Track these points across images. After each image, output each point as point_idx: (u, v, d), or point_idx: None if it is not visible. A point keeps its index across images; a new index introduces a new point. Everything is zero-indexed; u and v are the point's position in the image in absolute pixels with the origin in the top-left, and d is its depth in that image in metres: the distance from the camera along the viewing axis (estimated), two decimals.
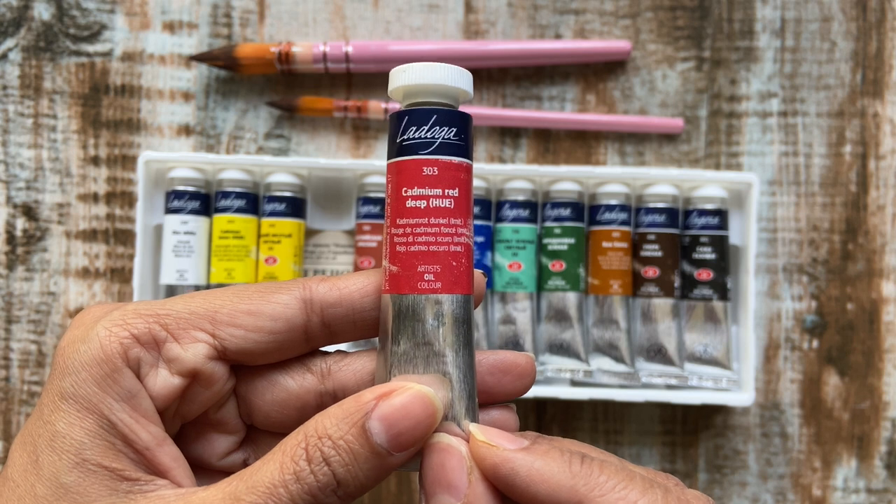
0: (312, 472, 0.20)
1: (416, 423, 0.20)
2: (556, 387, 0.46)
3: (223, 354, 0.22)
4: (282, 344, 0.23)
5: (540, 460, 0.21)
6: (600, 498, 0.20)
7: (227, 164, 0.46)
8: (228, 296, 0.22)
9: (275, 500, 0.19)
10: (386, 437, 0.20)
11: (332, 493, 0.20)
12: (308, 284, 0.23)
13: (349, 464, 0.20)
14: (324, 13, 0.50)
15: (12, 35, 0.49)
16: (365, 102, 0.48)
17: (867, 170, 0.50)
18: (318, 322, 0.23)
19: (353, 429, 0.20)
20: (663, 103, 0.50)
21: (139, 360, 0.21)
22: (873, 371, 0.49)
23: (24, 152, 0.49)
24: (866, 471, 0.49)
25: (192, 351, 0.22)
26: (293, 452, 0.20)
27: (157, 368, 0.21)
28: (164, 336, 0.21)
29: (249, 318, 0.22)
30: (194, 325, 0.22)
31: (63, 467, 0.20)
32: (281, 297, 0.22)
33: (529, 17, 0.50)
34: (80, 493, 0.20)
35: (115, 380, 0.21)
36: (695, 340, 0.46)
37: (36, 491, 0.20)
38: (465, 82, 0.24)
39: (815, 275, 0.49)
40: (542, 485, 0.20)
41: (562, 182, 0.47)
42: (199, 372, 0.22)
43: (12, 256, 0.49)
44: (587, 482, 0.20)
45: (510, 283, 0.46)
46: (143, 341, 0.21)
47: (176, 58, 0.49)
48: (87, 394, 0.20)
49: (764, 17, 0.50)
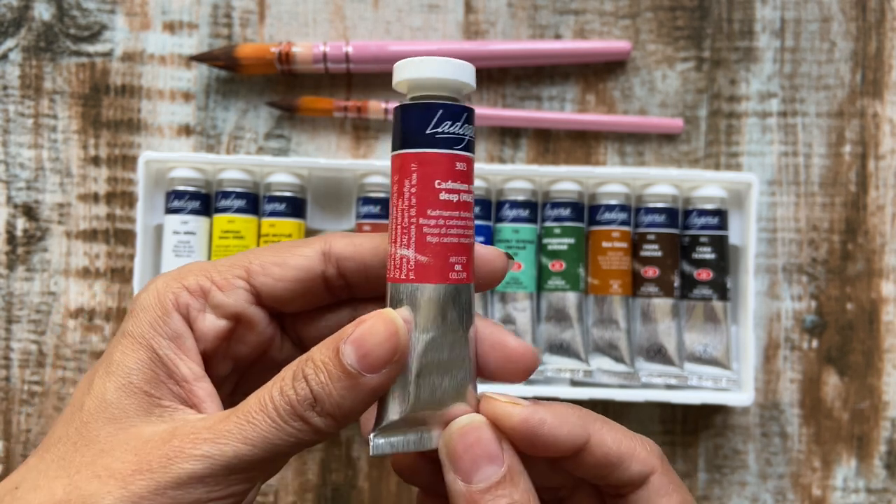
0: (293, 388, 0.22)
1: (379, 342, 0.22)
2: (556, 387, 0.46)
3: (259, 300, 0.26)
4: (305, 291, 0.26)
5: (554, 408, 0.24)
6: (599, 432, 0.24)
7: (227, 164, 0.46)
8: (262, 251, 0.26)
9: (262, 408, 0.22)
10: (355, 356, 0.22)
11: (311, 409, 0.22)
12: (328, 239, 0.26)
13: (324, 382, 0.22)
14: (324, 13, 0.50)
15: (13, 35, 0.49)
16: (365, 102, 0.48)
17: (867, 170, 0.50)
18: (334, 273, 0.26)
19: (330, 351, 0.23)
20: (663, 103, 0.50)
21: (188, 305, 0.25)
22: (873, 371, 0.49)
23: (24, 152, 0.49)
24: (866, 471, 0.49)
25: (234, 297, 0.25)
26: (285, 373, 0.23)
27: (204, 313, 0.25)
28: (209, 286, 0.25)
29: (277, 269, 0.25)
30: (234, 274, 0.25)
31: (111, 387, 0.23)
32: (304, 250, 0.26)
33: (529, 17, 0.50)
34: (118, 408, 0.23)
35: (165, 322, 0.24)
36: (694, 340, 0.47)
37: (84, 404, 0.23)
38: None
39: (814, 275, 0.49)
40: (563, 427, 0.24)
41: (562, 182, 0.47)
42: (241, 315, 0.25)
43: (12, 256, 0.49)
44: (588, 422, 0.24)
45: (510, 283, 0.46)
46: (192, 291, 0.25)
47: (176, 58, 0.49)
48: (143, 332, 0.24)
49: (764, 18, 0.50)
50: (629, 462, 0.25)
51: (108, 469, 0.22)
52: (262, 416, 0.22)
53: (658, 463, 0.25)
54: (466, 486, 0.23)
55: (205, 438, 0.22)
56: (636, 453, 0.25)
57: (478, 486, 0.23)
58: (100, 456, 0.22)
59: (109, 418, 0.23)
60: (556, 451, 0.24)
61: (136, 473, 0.22)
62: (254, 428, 0.22)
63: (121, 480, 0.21)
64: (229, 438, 0.22)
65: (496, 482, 0.23)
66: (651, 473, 0.25)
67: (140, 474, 0.22)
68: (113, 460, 0.22)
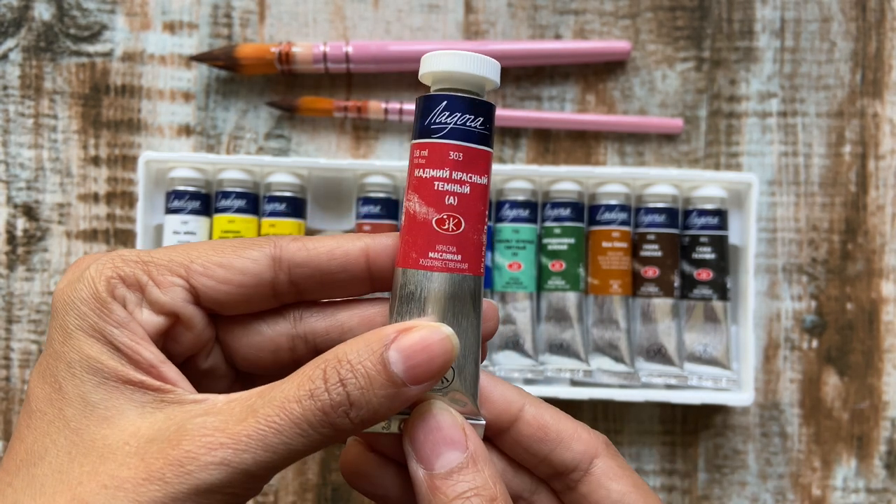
0: (327, 391, 0.21)
1: (432, 357, 0.22)
2: (556, 387, 0.46)
3: (198, 300, 0.24)
4: (250, 297, 0.24)
5: (491, 375, 0.26)
6: (537, 406, 0.25)
7: (227, 165, 0.46)
8: (205, 248, 0.24)
9: (287, 413, 0.21)
10: (403, 366, 0.21)
11: (345, 414, 0.21)
12: (279, 242, 0.24)
13: (364, 387, 0.21)
14: (324, 13, 0.50)
15: (13, 35, 0.49)
16: (365, 103, 0.48)
17: (867, 170, 0.50)
18: (285, 280, 0.24)
19: (373, 356, 0.21)
20: (663, 103, 0.50)
21: (125, 298, 0.23)
22: (873, 371, 0.49)
23: (24, 152, 0.49)
24: (866, 470, 0.49)
25: (171, 294, 0.23)
26: (311, 374, 0.21)
27: (140, 307, 0.23)
28: (145, 280, 0.23)
29: (220, 270, 0.24)
30: (172, 271, 0.23)
31: (88, 388, 0.21)
32: (252, 252, 0.24)
33: (529, 18, 0.50)
34: (108, 408, 0.21)
35: (108, 310, 0.22)
36: (694, 340, 0.47)
37: (65, 414, 0.21)
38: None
39: (814, 275, 0.49)
40: (496, 388, 0.25)
41: (562, 182, 0.47)
42: (179, 314, 0.23)
43: (13, 256, 0.49)
44: (525, 396, 0.26)
45: (510, 283, 0.46)
46: (128, 282, 0.23)
47: (176, 58, 0.50)
48: (90, 323, 0.22)
49: (764, 18, 0.50)
50: (570, 442, 0.25)
51: (114, 478, 0.20)
52: (286, 421, 0.21)
53: (603, 447, 0.25)
54: (427, 473, 0.22)
55: (221, 443, 0.20)
56: (578, 434, 0.25)
57: (438, 472, 0.22)
58: (101, 463, 0.21)
59: (101, 420, 0.21)
60: (489, 411, 0.24)
61: (146, 482, 0.20)
62: (277, 434, 0.20)
63: (131, 491, 0.20)
64: (249, 445, 0.20)
65: (457, 467, 0.22)
66: (595, 456, 0.25)
67: (151, 483, 0.20)
68: (118, 466, 0.20)
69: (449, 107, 0.24)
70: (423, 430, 0.23)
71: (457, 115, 0.24)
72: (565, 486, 0.25)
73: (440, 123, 0.24)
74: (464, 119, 0.24)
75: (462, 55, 0.24)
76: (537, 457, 0.25)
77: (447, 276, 0.24)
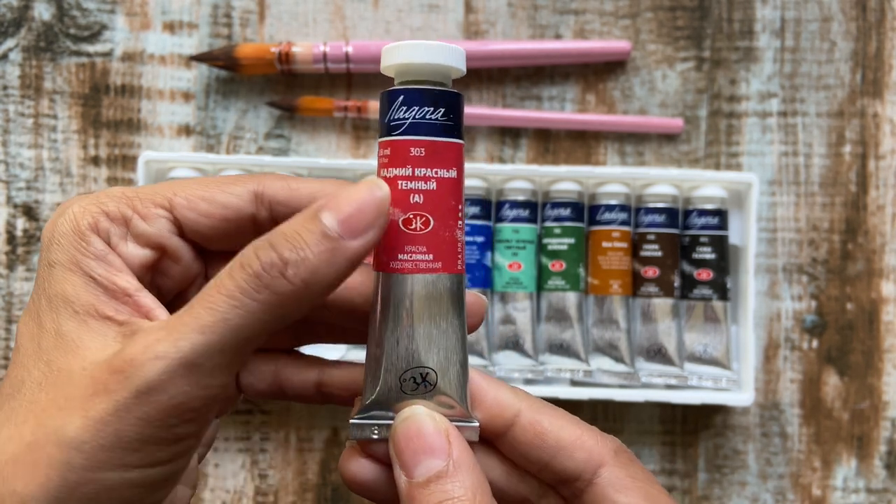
0: (257, 257, 0.20)
1: (362, 206, 0.21)
2: (556, 387, 0.46)
3: (181, 233, 0.24)
4: (232, 230, 0.24)
5: (488, 377, 0.25)
6: (536, 411, 0.24)
7: (227, 165, 0.46)
8: (190, 183, 0.24)
9: (218, 289, 0.20)
10: (335, 220, 0.21)
11: (280, 274, 0.20)
12: (262, 180, 0.24)
13: (298, 245, 0.20)
14: (324, 13, 0.50)
15: (13, 35, 0.49)
16: (365, 102, 0.48)
17: (867, 170, 0.50)
18: (266, 216, 0.24)
19: (303, 218, 0.21)
20: (663, 103, 0.50)
21: (108, 231, 0.23)
22: (873, 371, 0.49)
23: (24, 152, 0.49)
24: (866, 471, 0.49)
25: (155, 226, 0.24)
26: (245, 250, 0.21)
27: (125, 241, 0.24)
28: (130, 214, 0.24)
29: (203, 204, 0.24)
30: (156, 203, 0.24)
31: (62, 321, 0.22)
32: (235, 188, 0.24)
33: (529, 17, 0.50)
34: (75, 339, 0.22)
35: (88, 243, 0.23)
36: (694, 340, 0.47)
37: (41, 346, 0.22)
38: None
39: (814, 275, 0.49)
40: (489, 391, 0.24)
41: (562, 182, 0.47)
42: (165, 246, 0.24)
43: (12, 256, 0.49)
44: (522, 398, 0.24)
45: (510, 283, 0.46)
46: (112, 217, 0.23)
47: (176, 58, 0.49)
48: (69, 257, 0.23)
49: (764, 17, 0.50)
50: (571, 450, 0.24)
51: (68, 399, 0.21)
52: (219, 296, 0.20)
53: (610, 455, 0.24)
54: (407, 481, 0.22)
55: (157, 339, 0.20)
56: (581, 442, 0.24)
57: (417, 480, 0.22)
58: (62, 389, 0.21)
59: (68, 350, 0.22)
60: (481, 412, 0.24)
61: (94, 396, 0.20)
62: (210, 312, 0.20)
63: (79, 408, 0.20)
64: (183, 332, 0.20)
65: (435, 475, 0.22)
66: (601, 465, 0.24)
67: (97, 396, 0.20)
68: (73, 388, 0.21)
69: (406, 101, 0.23)
70: (404, 437, 0.22)
71: (415, 108, 0.23)
72: (572, 494, 0.24)
73: (398, 119, 0.23)
74: (423, 112, 0.23)
75: (420, 45, 0.23)
76: (537, 464, 0.24)
77: (419, 278, 0.23)
